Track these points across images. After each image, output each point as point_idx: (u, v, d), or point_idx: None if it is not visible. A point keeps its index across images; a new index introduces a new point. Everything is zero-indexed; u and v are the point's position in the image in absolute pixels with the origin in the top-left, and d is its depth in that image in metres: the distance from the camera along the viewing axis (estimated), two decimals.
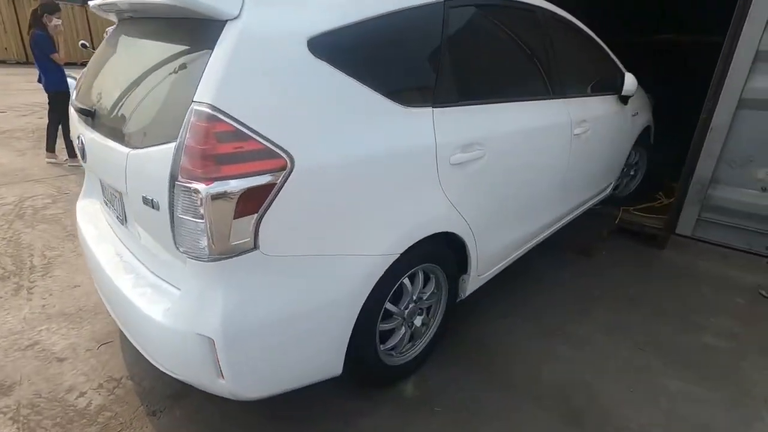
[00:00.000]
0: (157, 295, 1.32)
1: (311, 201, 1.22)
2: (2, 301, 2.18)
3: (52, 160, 4.50)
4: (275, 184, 1.13)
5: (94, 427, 1.54)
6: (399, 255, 1.46)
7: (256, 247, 1.15)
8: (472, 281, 1.96)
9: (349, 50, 1.30)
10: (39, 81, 4.34)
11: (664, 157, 3.79)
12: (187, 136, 1.06)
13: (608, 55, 2.83)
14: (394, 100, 1.40)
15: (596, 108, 2.58)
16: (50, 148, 4.50)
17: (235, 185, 1.07)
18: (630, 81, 2.73)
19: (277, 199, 1.14)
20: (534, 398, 1.75)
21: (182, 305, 1.21)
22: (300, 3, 1.26)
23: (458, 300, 1.98)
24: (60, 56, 4.19)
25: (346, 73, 1.28)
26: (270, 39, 1.15)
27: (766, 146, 2.72)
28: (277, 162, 1.13)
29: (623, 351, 2.05)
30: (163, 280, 1.36)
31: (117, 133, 1.35)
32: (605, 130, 2.72)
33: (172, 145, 1.09)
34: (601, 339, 2.13)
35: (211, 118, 1.05)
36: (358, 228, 1.33)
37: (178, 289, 1.27)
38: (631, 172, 3.62)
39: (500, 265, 2.15)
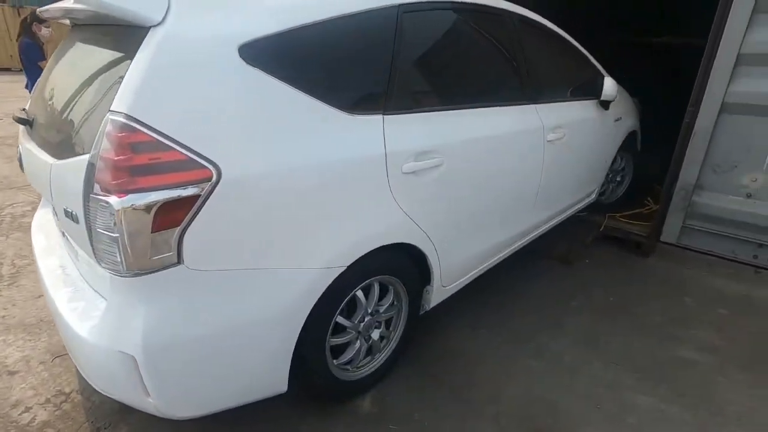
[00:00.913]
0: (90, 310, 1.27)
1: (241, 213, 1.17)
2: None
3: None
4: (199, 195, 1.08)
5: None
6: (345, 268, 1.41)
7: (180, 261, 1.10)
8: (437, 293, 1.90)
9: (286, 57, 1.26)
10: (26, 87, 4.35)
11: (656, 162, 3.71)
12: (102, 147, 1.02)
13: (587, 59, 2.78)
14: (337, 108, 1.35)
15: (573, 113, 2.52)
16: None
17: (153, 198, 1.02)
18: (609, 85, 2.66)
19: (202, 211, 1.09)
20: (495, 417, 1.69)
21: (106, 321, 1.17)
22: (233, 9, 1.21)
23: (422, 312, 1.92)
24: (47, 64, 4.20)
25: (283, 81, 1.24)
26: (196, 45, 1.11)
27: (750, 152, 2.64)
28: (201, 173, 1.08)
29: (595, 365, 1.98)
30: (100, 294, 1.32)
31: (46, 144, 1.31)
32: (584, 136, 2.66)
33: (87, 156, 1.05)
34: (573, 352, 2.05)
35: (126, 128, 1.01)
36: (295, 240, 1.28)
37: None
38: (618, 178, 3.55)
39: (469, 275, 2.08)
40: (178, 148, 1.05)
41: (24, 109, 1.60)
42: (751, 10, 2.44)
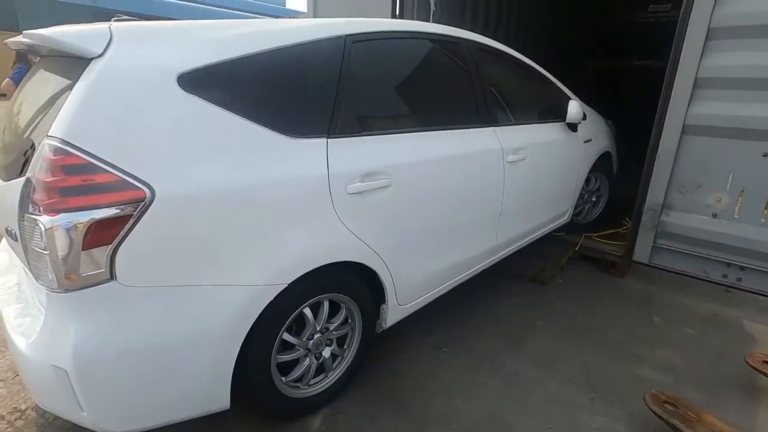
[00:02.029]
0: (33, 326, 1.31)
1: (174, 231, 1.22)
2: None
3: None
4: (132, 215, 1.14)
5: None
6: (287, 285, 1.45)
7: (113, 277, 1.15)
8: (393, 311, 1.92)
9: (225, 85, 1.34)
10: None
11: (637, 183, 3.75)
12: (37, 169, 1.09)
13: (552, 83, 2.87)
14: (278, 132, 1.42)
15: (536, 135, 2.59)
16: None
17: (84, 217, 1.09)
18: (573, 108, 2.74)
19: (135, 229, 1.15)
20: None
21: (42, 336, 1.21)
22: (175, 41, 1.31)
23: (380, 330, 1.94)
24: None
25: (223, 107, 1.31)
26: (133, 75, 1.19)
27: (713, 172, 2.68)
28: (133, 193, 1.14)
29: (552, 384, 1.98)
30: (44, 311, 1.36)
31: (0, 166, 1.39)
32: (549, 157, 2.72)
33: (24, 178, 1.12)
34: (531, 371, 2.06)
35: (59, 152, 1.08)
36: (231, 258, 1.32)
37: None
38: (593, 198, 3.59)
39: (428, 294, 2.11)
40: (111, 170, 1.12)
41: None
42: (704, 38, 2.53)
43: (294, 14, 25.68)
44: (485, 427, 1.73)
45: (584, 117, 2.90)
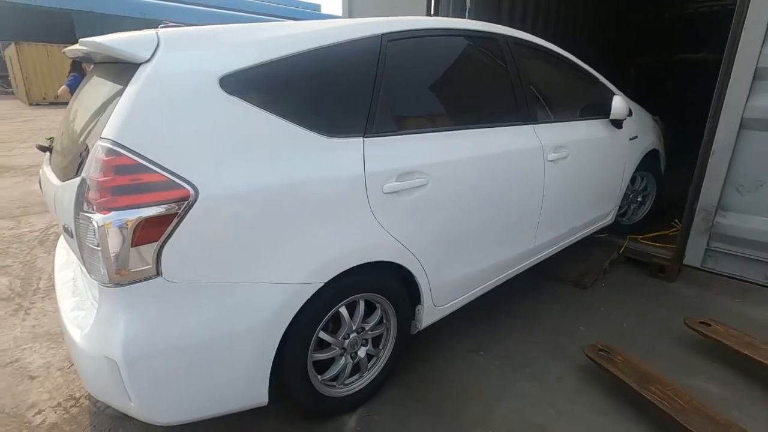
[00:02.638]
0: (87, 318, 1.39)
1: (218, 229, 1.26)
2: (0, 321, 2.38)
3: None
4: (177, 213, 1.18)
5: None
6: (324, 284, 1.46)
7: (159, 273, 1.19)
8: (428, 312, 1.90)
9: (265, 86, 1.36)
10: None
11: (688, 182, 3.54)
12: (90, 169, 1.15)
13: (595, 78, 2.75)
14: (315, 132, 1.44)
15: (578, 133, 2.49)
16: None
17: (133, 215, 1.13)
18: (618, 104, 2.61)
19: (180, 227, 1.19)
20: None
21: (95, 329, 1.27)
22: (217, 44, 1.34)
23: (415, 331, 1.92)
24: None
25: (263, 108, 1.34)
26: (179, 78, 1.24)
27: None
28: (178, 192, 1.18)
29: (595, 393, 1.89)
30: (96, 303, 1.44)
31: (56, 167, 1.48)
32: (591, 156, 2.61)
33: (79, 178, 1.18)
34: (572, 379, 1.97)
35: (111, 153, 1.13)
36: (270, 256, 1.35)
37: None
38: (639, 198, 3.41)
39: (464, 296, 2.07)
40: (157, 170, 1.16)
41: (49, 138, 1.80)
42: (767, 25, 2.34)
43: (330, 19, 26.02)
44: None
45: (630, 113, 2.76)
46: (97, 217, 1.12)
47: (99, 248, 1.13)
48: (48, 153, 1.70)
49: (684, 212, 2.84)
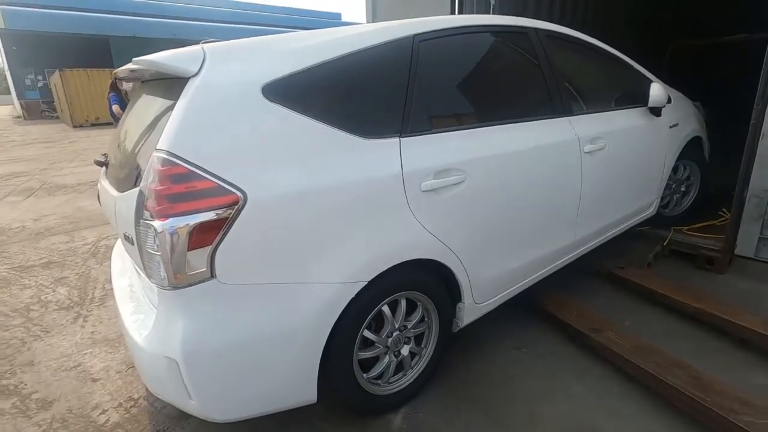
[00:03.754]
0: (147, 321, 1.47)
1: (266, 232, 1.31)
2: (62, 328, 2.53)
3: None
4: (228, 218, 1.24)
5: None
6: (367, 283, 1.48)
7: (213, 276, 1.25)
8: (469, 310, 1.89)
9: (303, 92, 1.41)
10: None
11: (735, 169, 3.38)
12: (149, 179, 1.22)
13: (630, 66, 2.67)
14: (354, 134, 1.47)
15: (615, 122, 2.42)
16: None
17: (188, 220, 1.20)
18: (656, 92, 2.53)
19: (231, 231, 1.25)
20: None
21: (155, 330, 1.35)
22: (257, 55, 1.40)
23: (456, 329, 1.92)
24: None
25: (301, 113, 1.39)
26: (225, 89, 1.30)
27: None
28: (229, 198, 1.24)
29: (644, 391, 1.82)
30: (154, 307, 1.52)
31: (114, 180, 1.57)
32: (630, 145, 2.53)
33: (138, 188, 1.26)
34: (617, 377, 1.91)
35: (167, 163, 1.20)
36: (316, 256, 1.38)
37: None
38: (682, 188, 3.27)
39: (505, 293, 2.05)
40: (209, 177, 1.23)
41: (104, 154, 1.92)
42: None
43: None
44: (574, 430, 1.64)
45: (669, 100, 2.67)
46: (156, 224, 1.18)
47: (158, 253, 1.20)
48: (104, 168, 1.81)
49: (733, 200, 2.71)
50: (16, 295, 2.97)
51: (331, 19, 32.31)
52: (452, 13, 4.01)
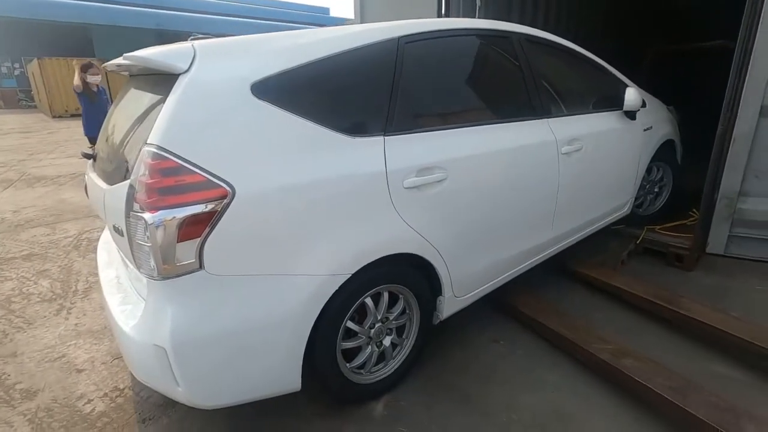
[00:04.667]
0: (135, 311, 1.50)
1: (253, 225, 1.35)
2: (45, 320, 2.53)
3: None
4: (216, 211, 1.28)
5: (92, 430, 1.74)
6: (350, 275, 1.54)
7: (201, 267, 1.30)
8: (449, 303, 1.97)
9: (292, 90, 1.46)
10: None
11: (705, 172, 3.54)
12: (139, 172, 1.26)
13: (607, 71, 2.78)
14: (339, 132, 1.53)
15: (591, 125, 2.53)
16: None
17: (178, 213, 1.24)
18: (630, 96, 2.64)
19: (219, 224, 1.29)
20: (506, 424, 1.71)
21: (144, 319, 1.38)
22: (247, 54, 1.44)
23: (437, 321, 2.00)
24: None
25: (289, 111, 1.43)
26: (214, 86, 1.34)
27: None
28: (217, 191, 1.28)
29: (608, 384, 1.93)
30: (142, 298, 1.55)
31: (102, 173, 1.60)
32: (605, 147, 2.64)
33: (128, 181, 1.30)
34: (587, 370, 2.01)
35: (156, 157, 1.24)
36: (301, 249, 1.44)
37: None
38: (655, 189, 3.41)
39: (484, 287, 2.13)
40: (198, 171, 1.27)
41: (91, 146, 1.93)
42: None
43: (339, 22, 26.35)
44: (549, 421, 1.73)
45: (643, 104, 2.78)
46: (147, 216, 1.22)
47: (148, 244, 1.24)
48: (92, 160, 1.83)
49: (702, 201, 2.85)
50: None
51: (320, 14, 32.05)
52: (439, 12, 4.07)
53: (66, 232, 4.04)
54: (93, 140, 4.97)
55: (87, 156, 1.81)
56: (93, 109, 4.97)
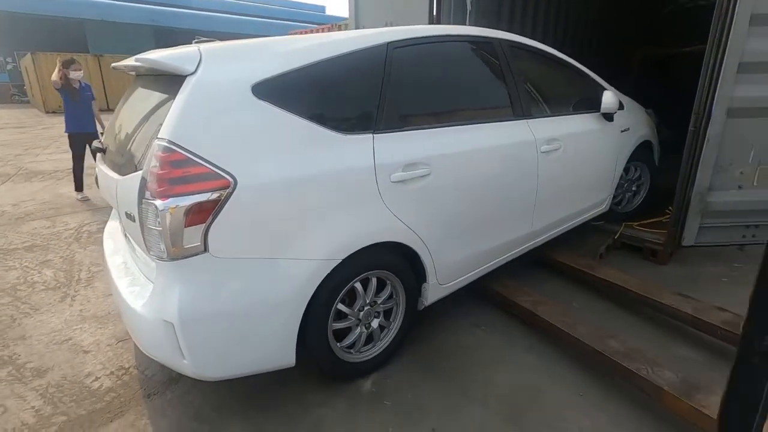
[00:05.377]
0: (143, 292, 1.64)
1: (254, 213, 1.50)
2: (50, 306, 2.66)
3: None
4: (220, 199, 1.43)
5: (100, 404, 1.87)
6: (341, 260, 1.69)
7: (206, 250, 1.44)
8: (433, 290, 2.12)
9: (289, 91, 1.60)
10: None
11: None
12: (151, 164, 1.40)
13: (586, 75, 2.95)
14: (332, 130, 1.67)
15: (569, 126, 2.69)
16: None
17: (185, 201, 1.38)
18: (608, 99, 2.81)
19: (222, 211, 1.43)
20: (483, 399, 1.87)
21: (153, 298, 1.53)
22: (247, 57, 1.59)
23: (422, 307, 2.15)
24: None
25: (287, 110, 1.58)
26: (218, 87, 1.48)
27: (742, 149, 2.87)
28: (221, 182, 1.43)
29: (584, 361, 2.10)
30: (149, 280, 1.69)
31: (114, 165, 1.74)
32: (583, 147, 2.81)
33: (141, 172, 1.44)
34: (562, 351, 2.18)
35: (167, 150, 1.38)
36: (297, 235, 1.58)
37: None
38: (633, 188, 3.59)
39: (467, 276, 2.29)
40: (203, 163, 1.41)
41: (100, 141, 2.06)
42: (748, 23, 2.56)
43: (335, 21, 26.39)
44: (521, 392, 1.89)
45: (620, 107, 2.95)
46: (158, 203, 1.36)
47: (159, 229, 1.38)
48: (101, 153, 1.96)
49: (675, 197, 3.03)
50: (2, 276, 3.06)
51: (316, 12, 32.13)
52: (430, 14, 4.22)
53: (66, 225, 4.15)
54: (75, 138, 4.94)
55: (98, 150, 1.94)
56: (75, 106, 4.87)
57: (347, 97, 1.77)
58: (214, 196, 1.42)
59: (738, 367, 1.05)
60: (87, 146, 4.97)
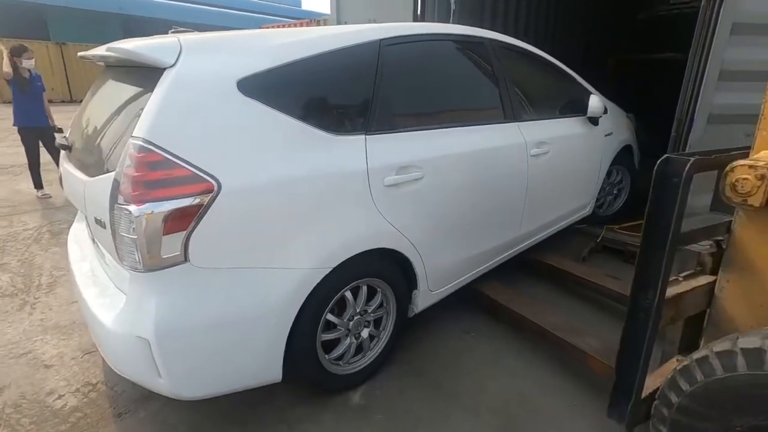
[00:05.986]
0: (114, 304, 1.49)
1: (239, 219, 1.38)
2: (7, 315, 2.44)
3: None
4: (203, 204, 1.30)
5: (65, 425, 1.71)
6: (331, 269, 1.60)
7: (186, 259, 1.32)
8: (424, 297, 2.06)
9: (278, 88, 1.49)
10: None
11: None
12: (125, 165, 1.26)
13: (574, 79, 2.95)
14: (323, 130, 1.57)
15: (558, 129, 2.68)
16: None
17: (164, 206, 1.25)
18: (594, 103, 2.82)
19: (205, 217, 1.31)
20: (474, 407, 1.82)
21: (126, 311, 1.39)
22: (234, 50, 1.47)
23: (412, 314, 2.08)
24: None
25: (276, 108, 1.47)
26: (201, 82, 1.36)
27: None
28: (204, 186, 1.31)
29: (573, 368, 2.08)
30: (121, 291, 1.55)
31: (81, 164, 1.58)
32: (570, 151, 2.80)
33: (113, 173, 1.30)
34: (552, 356, 2.16)
35: (143, 150, 1.25)
36: (285, 243, 1.48)
37: None
38: (615, 191, 3.64)
39: (456, 281, 2.23)
40: (185, 165, 1.28)
41: (65, 137, 1.89)
42: (729, 33, 2.59)
43: (311, 16, 26.00)
44: (514, 404, 1.85)
45: (605, 111, 2.97)
46: (133, 209, 1.23)
47: (134, 237, 1.25)
48: (67, 151, 1.78)
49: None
50: None
51: (291, 6, 31.53)
52: (414, 12, 4.14)
53: (25, 225, 3.86)
54: (25, 132, 4.62)
55: (62, 147, 1.77)
56: (24, 98, 4.55)
57: (338, 95, 1.67)
58: (196, 201, 1.29)
59: (628, 323, 1.41)
60: (39, 141, 4.66)
